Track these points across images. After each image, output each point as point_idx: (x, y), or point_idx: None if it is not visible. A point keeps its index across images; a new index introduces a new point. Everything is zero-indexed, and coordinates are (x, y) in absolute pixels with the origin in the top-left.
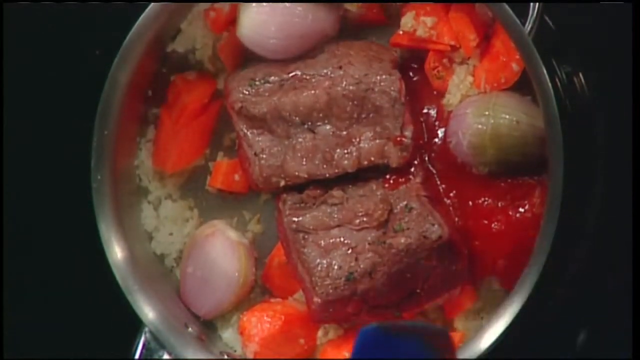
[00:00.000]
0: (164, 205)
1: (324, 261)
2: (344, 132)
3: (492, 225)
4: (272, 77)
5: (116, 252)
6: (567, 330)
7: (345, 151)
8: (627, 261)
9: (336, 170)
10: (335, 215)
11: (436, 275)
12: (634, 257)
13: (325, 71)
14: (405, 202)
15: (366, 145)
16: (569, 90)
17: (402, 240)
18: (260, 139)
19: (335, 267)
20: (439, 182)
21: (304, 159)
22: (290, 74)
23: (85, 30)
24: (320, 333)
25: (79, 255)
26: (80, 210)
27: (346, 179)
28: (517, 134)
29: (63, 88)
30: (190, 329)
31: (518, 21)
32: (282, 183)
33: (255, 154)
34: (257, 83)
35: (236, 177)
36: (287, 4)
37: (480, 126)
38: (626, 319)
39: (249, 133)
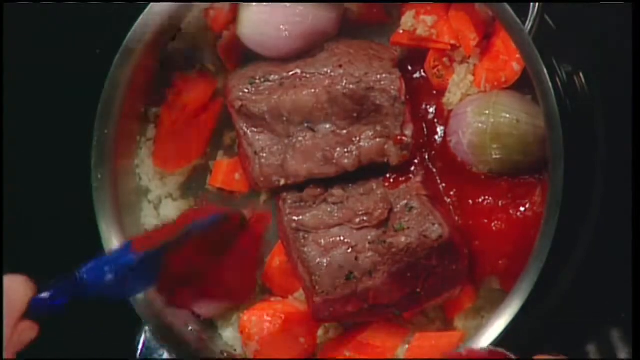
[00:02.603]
0: (164, 204)
1: (324, 260)
2: (344, 131)
3: (493, 224)
4: (273, 76)
5: None
6: (567, 330)
7: (346, 150)
8: (627, 261)
9: (336, 169)
10: (336, 214)
11: (436, 274)
12: (634, 257)
13: (325, 70)
14: (405, 202)
15: (366, 144)
16: (570, 89)
17: (403, 239)
18: (260, 137)
19: (336, 266)
20: (439, 181)
21: (304, 158)
22: (291, 73)
23: (85, 30)
24: (320, 332)
25: (79, 254)
26: (80, 209)
27: (346, 178)
28: (518, 133)
29: (63, 88)
30: (190, 328)
31: (518, 20)
32: (282, 182)
33: (256, 153)
34: (258, 82)
35: (236, 176)
36: (287, 4)
37: (480, 125)
38: (626, 319)
39: (249, 132)
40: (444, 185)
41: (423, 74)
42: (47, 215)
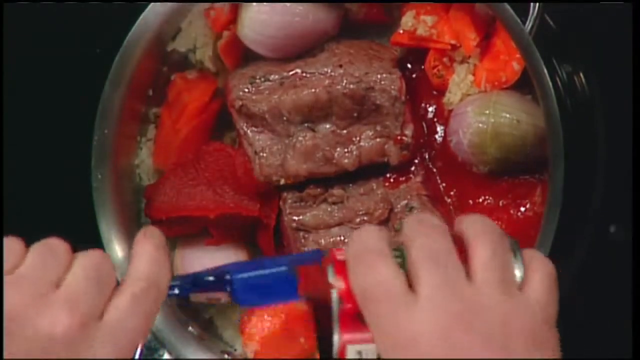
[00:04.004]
0: None
1: None
2: (344, 131)
3: None
4: (273, 75)
5: (116, 252)
6: (566, 330)
7: (346, 150)
8: (627, 261)
9: (336, 169)
10: (336, 214)
11: None
12: (634, 257)
13: (325, 70)
14: (405, 201)
15: (366, 144)
16: (570, 89)
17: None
18: (260, 137)
19: None
20: (439, 181)
21: (304, 158)
22: (291, 73)
23: (85, 30)
24: None
25: None
26: (80, 209)
27: (346, 178)
28: (518, 133)
29: (63, 88)
30: (190, 328)
31: (519, 20)
32: (283, 182)
33: (256, 153)
34: (258, 81)
35: None
36: (287, 4)
37: (480, 125)
38: (626, 319)
39: (249, 131)
40: (444, 185)
41: (423, 74)
42: (47, 215)
